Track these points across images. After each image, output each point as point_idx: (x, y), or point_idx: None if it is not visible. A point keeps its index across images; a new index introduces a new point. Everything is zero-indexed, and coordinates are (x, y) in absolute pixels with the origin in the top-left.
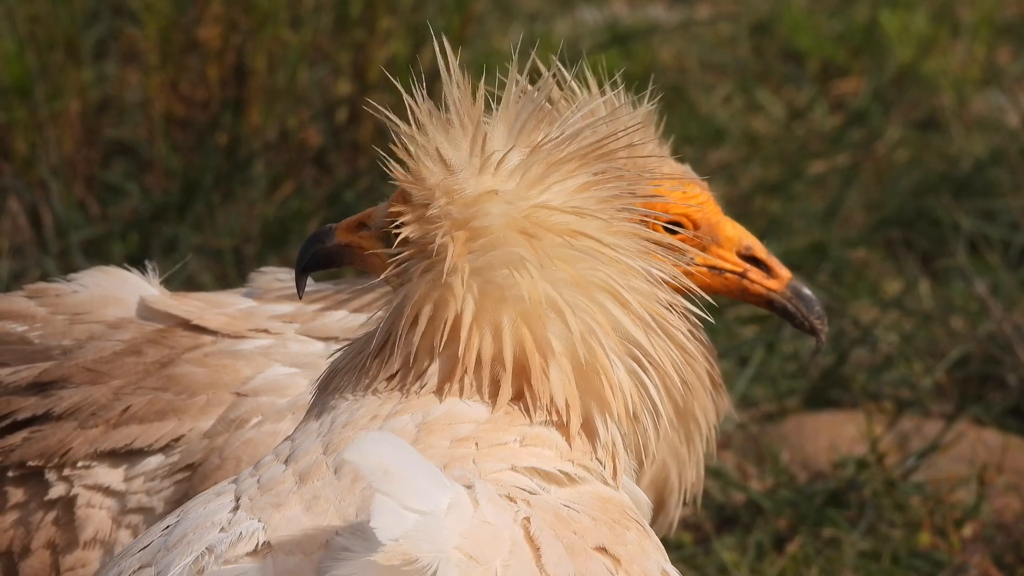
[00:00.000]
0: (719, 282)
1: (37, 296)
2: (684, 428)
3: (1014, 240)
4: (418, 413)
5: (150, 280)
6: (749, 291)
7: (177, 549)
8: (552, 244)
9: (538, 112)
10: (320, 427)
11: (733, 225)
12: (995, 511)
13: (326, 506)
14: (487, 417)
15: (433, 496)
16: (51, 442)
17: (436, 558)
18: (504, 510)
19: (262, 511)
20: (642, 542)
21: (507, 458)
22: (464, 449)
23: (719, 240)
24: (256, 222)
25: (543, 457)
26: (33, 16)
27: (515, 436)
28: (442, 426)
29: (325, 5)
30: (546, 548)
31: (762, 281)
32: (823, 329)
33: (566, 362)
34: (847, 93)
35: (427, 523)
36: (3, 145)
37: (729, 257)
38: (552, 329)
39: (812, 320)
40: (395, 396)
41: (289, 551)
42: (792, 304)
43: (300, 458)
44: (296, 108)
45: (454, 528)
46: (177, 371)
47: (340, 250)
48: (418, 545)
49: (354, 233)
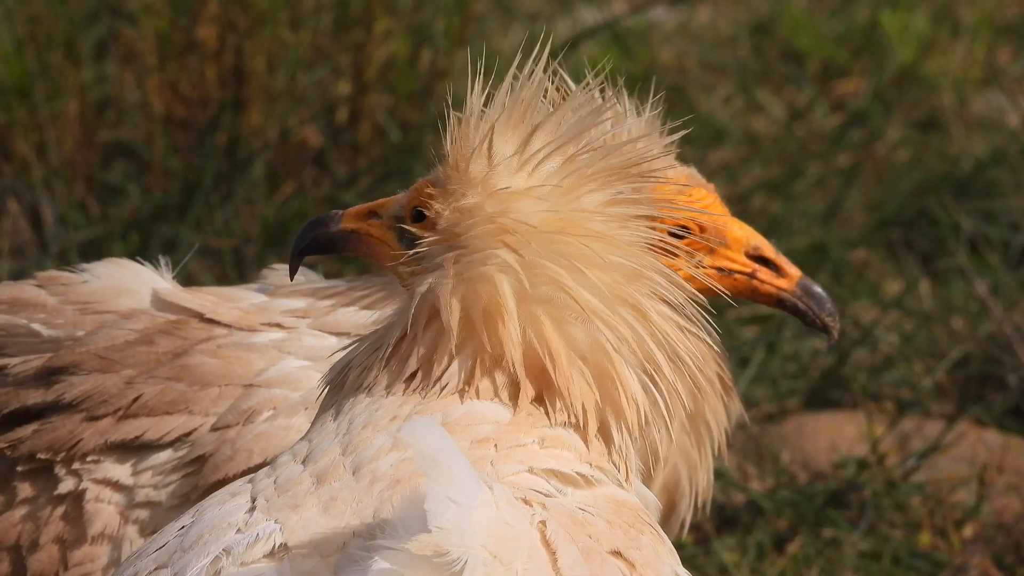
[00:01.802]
0: (728, 283)
1: (48, 284)
2: (695, 432)
3: (1014, 240)
4: (438, 414)
5: (162, 274)
6: (759, 291)
7: (194, 550)
8: (586, 251)
9: (580, 122)
10: (338, 428)
11: (740, 226)
12: (995, 511)
13: (343, 508)
14: (509, 419)
15: (470, 491)
16: (61, 434)
17: (465, 553)
18: (521, 513)
19: (279, 512)
20: (656, 546)
21: (525, 460)
22: (483, 451)
23: (726, 242)
24: (256, 222)
25: (562, 459)
26: (32, 16)
27: (535, 438)
28: (462, 427)
29: (325, 5)
30: (562, 552)
31: (772, 281)
32: (835, 326)
33: (587, 369)
34: (847, 93)
35: (461, 517)
36: (3, 145)
37: (737, 258)
38: (581, 334)
39: (824, 318)
40: (414, 397)
41: (306, 553)
42: (803, 302)
43: (318, 459)
44: (296, 108)
45: (482, 526)
46: (190, 361)
47: (345, 236)
48: (449, 538)
49: (363, 220)
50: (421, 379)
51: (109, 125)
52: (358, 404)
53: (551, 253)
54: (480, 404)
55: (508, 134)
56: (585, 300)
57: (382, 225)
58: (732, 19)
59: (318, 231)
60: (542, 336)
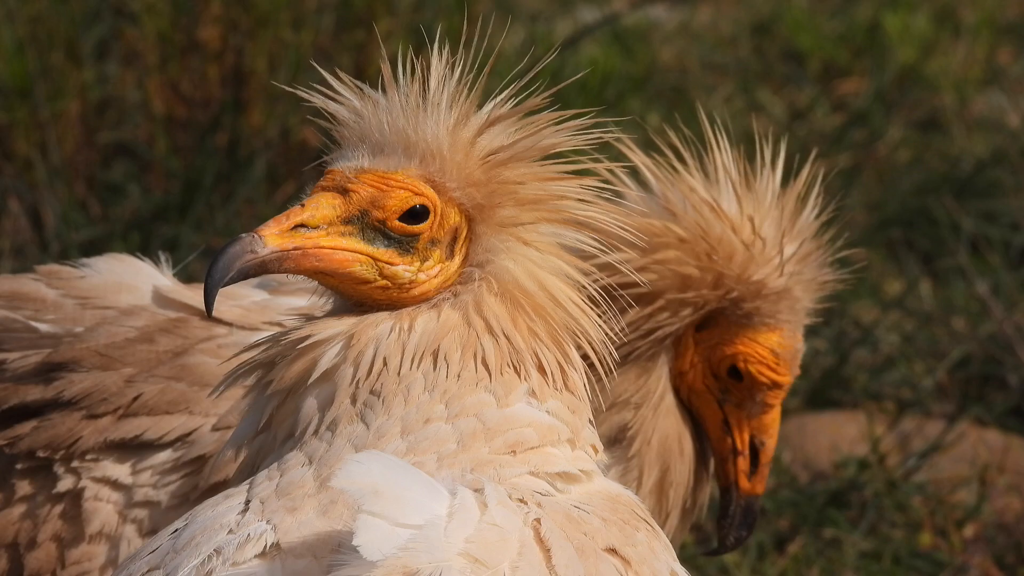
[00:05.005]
0: (721, 439)
1: (48, 277)
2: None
3: (1015, 240)
4: (470, 419)
5: (163, 270)
6: (726, 465)
7: (185, 551)
8: None
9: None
10: (353, 431)
11: (774, 419)
12: (996, 511)
13: (342, 510)
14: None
15: (428, 507)
16: (60, 431)
17: (437, 567)
18: (513, 512)
19: (274, 514)
20: (651, 543)
21: (532, 461)
22: (501, 456)
23: (758, 420)
24: (257, 222)
25: (579, 459)
26: (34, 17)
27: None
28: (487, 434)
29: (326, 6)
30: (557, 549)
31: (743, 472)
32: (732, 547)
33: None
34: (848, 93)
35: (424, 535)
36: (4, 145)
37: (744, 436)
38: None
39: (735, 532)
40: (439, 408)
41: (299, 554)
42: (737, 509)
43: (334, 463)
44: (297, 108)
45: (458, 534)
46: (190, 361)
47: (280, 257)
48: (417, 556)
49: (296, 235)
50: (445, 384)
51: (110, 125)
52: (378, 414)
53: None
54: (523, 407)
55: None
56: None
57: (330, 233)
58: (733, 19)
59: (245, 259)
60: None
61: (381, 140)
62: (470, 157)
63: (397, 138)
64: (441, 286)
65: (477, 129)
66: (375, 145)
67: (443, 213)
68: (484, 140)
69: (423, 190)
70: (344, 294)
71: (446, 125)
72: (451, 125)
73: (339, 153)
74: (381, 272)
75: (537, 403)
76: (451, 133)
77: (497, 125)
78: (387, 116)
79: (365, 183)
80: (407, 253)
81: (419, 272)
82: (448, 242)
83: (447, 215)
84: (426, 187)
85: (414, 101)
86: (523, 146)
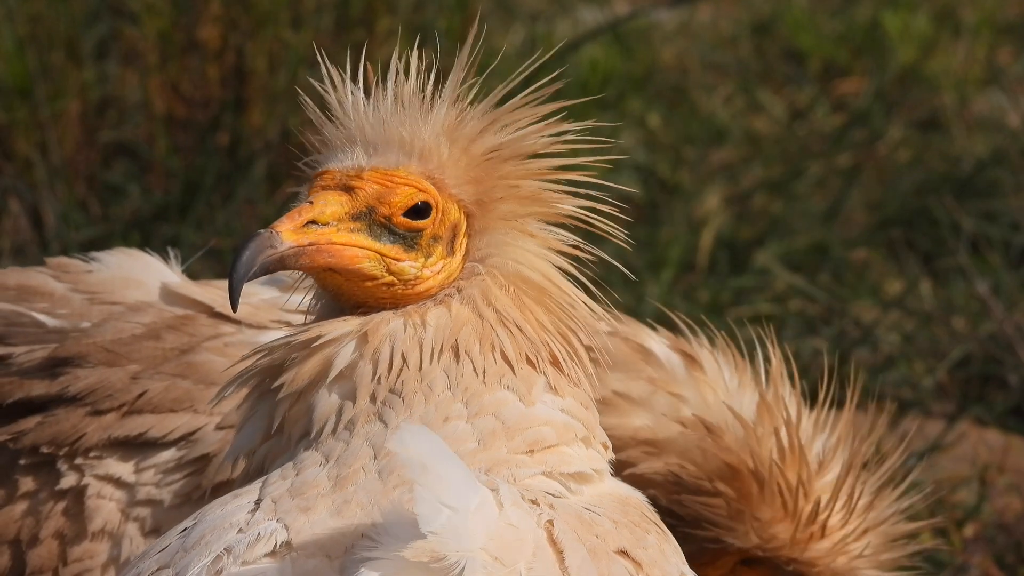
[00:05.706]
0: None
1: (57, 270)
2: None
3: (1015, 240)
4: (489, 417)
5: (172, 266)
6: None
7: (195, 550)
8: None
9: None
10: (371, 430)
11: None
12: (996, 511)
13: (356, 510)
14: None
15: (464, 495)
16: (64, 427)
17: (463, 557)
18: (527, 513)
19: (286, 513)
20: (662, 545)
21: (548, 462)
22: (517, 455)
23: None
24: (257, 222)
25: (593, 458)
26: (34, 16)
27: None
28: (507, 433)
29: (326, 5)
30: (569, 551)
31: None
32: None
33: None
34: (848, 93)
35: (456, 521)
36: (4, 145)
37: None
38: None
39: None
40: (458, 407)
41: (311, 553)
42: None
43: (352, 462)
44: (297, 108)
45: (481, 529)
46: (196, 359)
47: (297, 253)
48: (446, 543)
49: (309, 231)
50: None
51: (110, 125)
52: (398, 412)
53: None
54: (539, 406)
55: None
56: None
57: (340, 230)
58: (733, 19)
59: (266, 254)
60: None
61: (376, 138)
62: (470, 154)
63: (394, 136)
64: (444, 282)
65: (477, 127)
66: (370, 143)
67: (444, 209)
68: (484, 138)
69: (425, 187)
70: (346, 293)
71: (446, 123)
72: (451, 123)
73: (325, 156)
74: (388, 268)
75: (555, 399)
76: (451, 131)
77: (496, 123)
78: (384, 113)
79: (370, 180)
80: (411, 249)
81: (424, 268)
82: (448, 238)
83: (448, 211)
84: (427, 184)
85: (414, 99)
86: (523, 143)
